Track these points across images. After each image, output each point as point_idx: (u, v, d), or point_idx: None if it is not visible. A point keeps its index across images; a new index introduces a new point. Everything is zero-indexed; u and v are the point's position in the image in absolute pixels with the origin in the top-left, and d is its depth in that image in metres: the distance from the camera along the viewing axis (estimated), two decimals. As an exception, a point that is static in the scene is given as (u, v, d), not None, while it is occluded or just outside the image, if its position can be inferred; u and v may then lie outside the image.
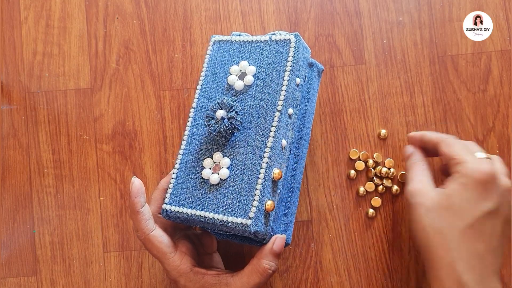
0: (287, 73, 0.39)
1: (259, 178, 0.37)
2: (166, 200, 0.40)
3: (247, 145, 0.38)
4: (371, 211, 0.47)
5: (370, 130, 0.48)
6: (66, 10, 0.51)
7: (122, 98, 0.50)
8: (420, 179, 0.41)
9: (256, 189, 0.36)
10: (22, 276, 0.48)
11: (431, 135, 0.43)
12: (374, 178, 0.47)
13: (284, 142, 0.38)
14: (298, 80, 0.39)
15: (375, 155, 0.47)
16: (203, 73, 0.42)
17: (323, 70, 0.45)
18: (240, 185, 0.37)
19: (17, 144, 0.50)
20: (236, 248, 0.47)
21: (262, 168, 0.37)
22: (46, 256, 0.48)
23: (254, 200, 0.36)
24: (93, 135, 0.49)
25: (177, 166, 0.41)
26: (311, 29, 0.49)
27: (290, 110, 0.39)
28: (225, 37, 0.43)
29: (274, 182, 0.38)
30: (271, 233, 0.39)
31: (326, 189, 0.48)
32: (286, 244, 0.41)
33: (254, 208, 0.36)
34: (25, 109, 0.50)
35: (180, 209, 0.39)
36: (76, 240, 0.48)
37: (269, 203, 0.36)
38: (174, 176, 0.40)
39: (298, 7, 0.49)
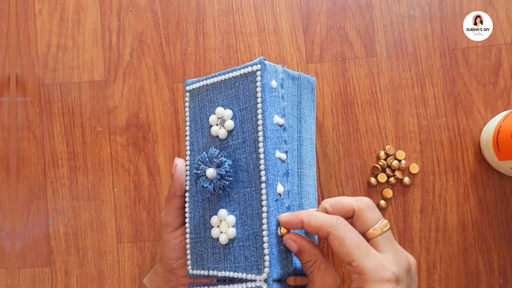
0: (259, 111, 0.37)
1: (263, 230, 0.35)
2: (189, 267, 0.39)
3: (245, 196, 0.37)
4: (382, 202, 0.47)
5: (381, 122, 0.48)
6: (80, 3, 0.51)
7: (135, 91, 0.50)
8: None
9: (263, 242, 0.35)
10: (36, 266, 0.49)
11: (315, 220, 0.34)
12: (386, 169, 0.48)
13: (280, 187, 0.37)
14: (276, 119, 0.37)
15: (387, 147, 0.48)
16: (187, 128, 0.41)
17: (314, 80, 0.43)
18: (247, 242, 0.36)
19: (32, 136, 0.50)
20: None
21: (263, 224, 0.36)
22: (60, 247, 0.49)
23: (264, 254, 0.35)
24: (107, 127, 0.50)
25: (187, 225, 0.40)
26: (322, 22, 0.50)
27: (277, 153, 0.37)
28: (196, 84, 0.41)
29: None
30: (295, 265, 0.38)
31: (338, 181, 0.48)
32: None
33: (267, 259, 0.35)
34: (39, 101, 0.50)
35: (206, 272, 0.38)
36: (90, 231, 0.49)
37: (282, 232, 0.36)
38: (188, 240, 0.40)
39: (310, 0, 0.50)
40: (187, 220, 0.40)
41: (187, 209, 0.40)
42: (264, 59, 0.37)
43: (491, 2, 0.49)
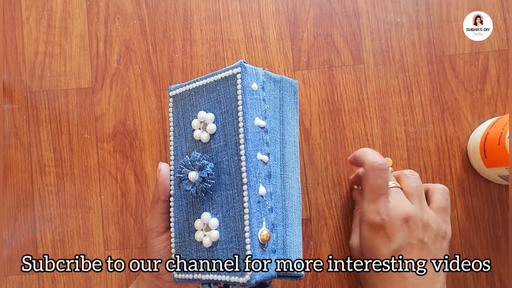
0: (240, 113, 0.37)
1: (245, 232, 0.35)
2: (174, 272, 0.40)
3: (227, 199, 0.37)
4: (369, 209, 0.47)
5: (368, 129, 0.48)
6: (67, 10, 0.51)
7: (123, 98, 0.50)
8: None
9: (246, 244, 0.35)
10: (23, 274, 0.49)
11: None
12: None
13: (262, 189, 0.36)
14: (257, 121, 0.37)
15: (373, 154, 0.48)
16: (171, 133, 0.42)
17: (297, 83, 0.43)
18: (230, 245, 0.36)
19: (19, 143, 0.50)
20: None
21: (245, 226, 0.35)
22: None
23: (246, 256, 0.35)
24: (94, 134, 0.50)
25: (172, 229, 0.40)
26: (310, 29, 0.50)
27: (259, 155, 0.37)
28: (179, 89, 0.41)
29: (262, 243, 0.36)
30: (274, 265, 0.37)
31: (325, 188, 0.48)
32: (298, 276, 0.39)
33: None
34: (26, 109, 0.50)
35: (191, 276, 0.38)
36: (77, 238, 0.49)
37: (264, 234, 0.35)
38: (173, 245, 0.40)
39: (297, 7, 0.50)
40: (172, 224, 0.40)
41: (171, 214, 0.40)
42: (244, 62, 0.37)
43: (478, 10, 0.49)
